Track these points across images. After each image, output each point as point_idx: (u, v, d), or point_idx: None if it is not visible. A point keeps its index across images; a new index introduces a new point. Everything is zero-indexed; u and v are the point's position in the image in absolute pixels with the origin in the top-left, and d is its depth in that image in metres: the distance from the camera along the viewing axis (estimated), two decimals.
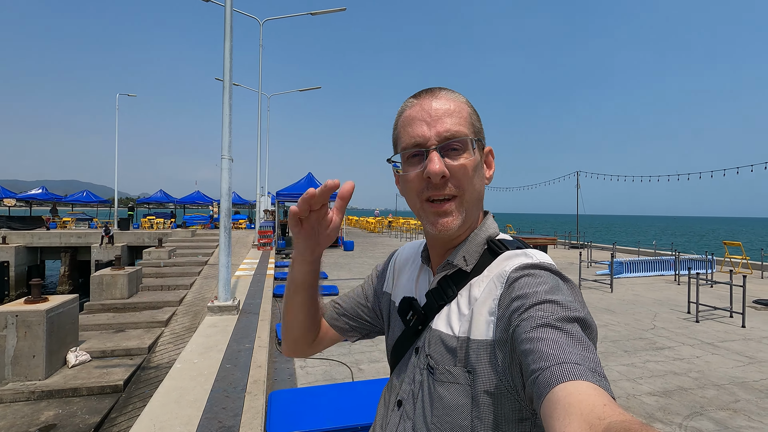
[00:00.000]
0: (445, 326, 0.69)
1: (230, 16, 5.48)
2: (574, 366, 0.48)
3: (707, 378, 4.20)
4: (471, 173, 0.69)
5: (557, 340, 0.51)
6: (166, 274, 12.22)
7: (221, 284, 5.43)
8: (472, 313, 0.66)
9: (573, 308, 0.56)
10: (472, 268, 0.71)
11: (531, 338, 0.53)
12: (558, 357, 0.49)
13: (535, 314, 0.55)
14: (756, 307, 7.47)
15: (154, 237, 18.96)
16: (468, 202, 0.70)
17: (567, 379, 0.47)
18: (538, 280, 0.61)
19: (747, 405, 3.62)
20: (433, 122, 0.69)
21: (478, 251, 0.73)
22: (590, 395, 0.44)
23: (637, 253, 15.62)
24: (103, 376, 6.13)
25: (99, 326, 8.18)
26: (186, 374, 3.40)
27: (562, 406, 0.44)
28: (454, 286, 0.72)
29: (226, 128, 5.41)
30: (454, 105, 0.71)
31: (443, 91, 0.73)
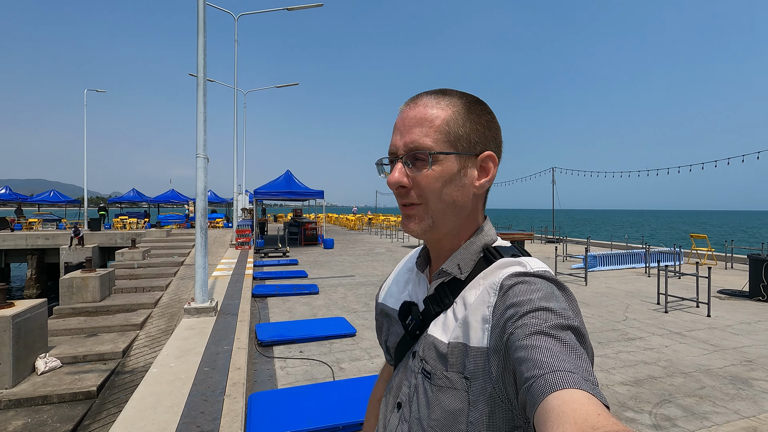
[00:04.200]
0: (439, 333, 0.70)
1: (203, 10, 5.36)
2: (567, 374, 0.48)
3: (675, 366, 4.38)
4: (434, 184, 0.69)
5: (551, 348, 0.51)
6: (140, 276, 11.91)
7: (198, 285, 5.33)
8: (467, 320, 0.66)
9: (567, 316, 0.57)
10: (467, 276, 0.72)
11: (525, 346, 0.53)
12: (552, 365, 0.49)
13: (530, 322, 0.55)
14: (720, 297, 7.81)
15: (127, 237, 18.44)
16: (434, 210, 0.70)
17: (561, 387, 0.46)
18: (533, 287, 0.61)
19: (712, 391, 3.79)
20: (404, 132, 0.70)
21: (473, 259, 0.73)
22: (584, 404, 0.44)
23: (610, 246, 16.10)
24: (75, 383, 5.95)
25: (70, 331, 7.93)
26: (162, 379, 3.33)
27: (556, 415, 0.44)
28: (450, 294, 0.72)
29: (200, 126, 5.30)
30: (429, 113, 0.70)
31: (425, 98, 0.72)
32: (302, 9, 14.93)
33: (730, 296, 7.91)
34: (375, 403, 1.01)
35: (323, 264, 12.18)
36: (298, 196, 18.02)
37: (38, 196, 29.78)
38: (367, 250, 15.82)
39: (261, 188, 17.18)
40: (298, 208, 23.24)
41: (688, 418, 3.32)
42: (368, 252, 15.31)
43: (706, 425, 3.21)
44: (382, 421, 0.81)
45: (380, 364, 4.54)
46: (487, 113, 0.73)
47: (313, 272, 10.66)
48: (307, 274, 10.31)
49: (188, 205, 29.70)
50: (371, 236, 23.04)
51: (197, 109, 5.30)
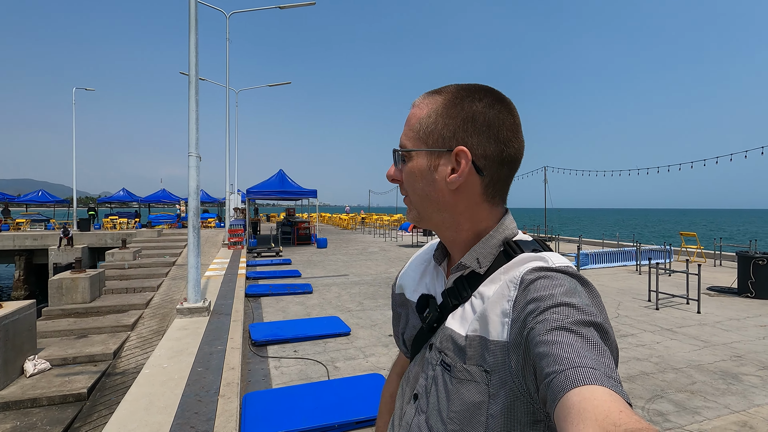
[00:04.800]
0: (457, 326, 0.70)
1: (195, 8, 5.30)
2: (589, 370, 0.47)
3: (666, 362, 4.43)
4: (409, 179, 0.75)
5: (572, 343, 0.51)
6: (131, 276, 11.78)
7: (190, 285, 5.28)
8: (485, 313, 0.66)
9: (590, 312, 0.56)
10: (486, 269, 0.72)
11: (546, 341, 0.52)
12: (573, 360, 0.49)
13: (551, 317, 0.55)
14: (710, 293, 7.92)
15: (117, 238, 18.22)
16: (415, 203, 0.76)
17: (582, 383, 0.46)
18: (555, 282, 0.60)
19: (703, 386, 3.84)
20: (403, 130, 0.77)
21: (493, 253, 0.73)
22: (606, 401, 0.43)
23: (601, 245, 16.25)
24: (65, 385, 5.88)
25: (59, 332, 7.83)
26: (155, 379, 3.29)
27: (577, 411, 0.43)
28: (468, 288, 0.72)
29: (192, 125, 5.24)
30: (415, 112, 0.75)
31: (420, 99, 0.76)
32: (294, 7, 14.85)
33: (720, 293, 8.03)
34: (387, 398, 1.01)
35: (317, 263, 12.15)
36: (291, 196, 17.95)
37: (26, 196, 29.31)
38: (360, 250, 15.81)
39: (253, 187, 17.08)
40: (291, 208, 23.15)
41: (680, 413, 3.36)
42: (362, 251, 15.29)
43: (697, 420, 3.25)
44: (398, 411, 0.82)
45: (375, 362, 4.53)
46: (473, 106, 0.70)
47: (306, 271, 10.62)
48: (301, 273, 10.27)
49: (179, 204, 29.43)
50: (364, 235, 23.03)
51: (189, 108, 5.24)
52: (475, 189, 0.72)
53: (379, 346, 5.06)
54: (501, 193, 0.75)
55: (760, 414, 3.32)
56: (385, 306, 7.05)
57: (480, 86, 0.74)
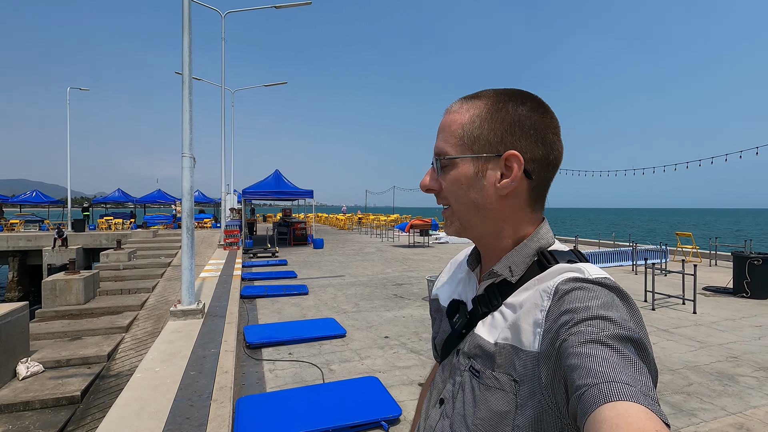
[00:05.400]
0: (486, 333, 0.70)
1: (188, 7, 5.25)
2: (624, 386, 0.45)
3: (663, 363, 4.42)
4: (453, 187, 0.72)
5: (608, 358, 0.49)
6: (126, 278, 11.71)
7: (184, 287, 5.24)
8: (517, 322, 0.65)
9: (628, 327, 0.53)
10: (518, 279, 0.71)
11: (579, 353, 0.51)
12: (607, 375, 0.47)
13: (585, 329, 0.53)
14: (705, 294, 7.93)
15: (112, 238, 18.10)
16: (459, 212, 0.73)
17: (616, 398, 0.44)
18: (591, 294, 0.58)
19: (699, 388, 3.83)
20: (436, 138, 0.76)
21: (526, 262, 0.72)
22: (641, 419, 0.41)
23: (597, 245, 16.28)
24: (58, 388, 5.82)
25: (53, 335, 7.77)
26: (147, 384, 3.24)
27: (609, 426, 0.41)
28: (499, 297, 0.72)
29: (186, 125, 5.20)
30: (452, 118, 0.73)
31: (454, 104, 0.75)
32: (290, 7, 14.79)
33: (715, 293, 8.04)
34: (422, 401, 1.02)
35: (313, 264, 12.10)
36: (288, 196, 17.90)
37: (20, 196, 29.12)
38: (357, 250, 15.77)
39: (250, 188, 17.01)
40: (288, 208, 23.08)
41: (676, 415, 3.35)
42: (358, 252, 15.26)
43: (694, 422, 3.24)
44: (423, 414, 0.83)
45: (370, 365, 4.50)
46: (518, 110, 0.70)
47: (302, 272, 10.58)
48: (297, 274, 10.23)
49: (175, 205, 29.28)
50: (361, 236, 22.98)
51: (182, 108, 5.20)
52: (522, 194, 0.72)
53: (375, 348, 5.03)
54: (542, 198, 0.75)
55: (756, 416, 3.31)
56: (382, 307, 7.02)
57: (519, 90, 0.74)
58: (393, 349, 4.97)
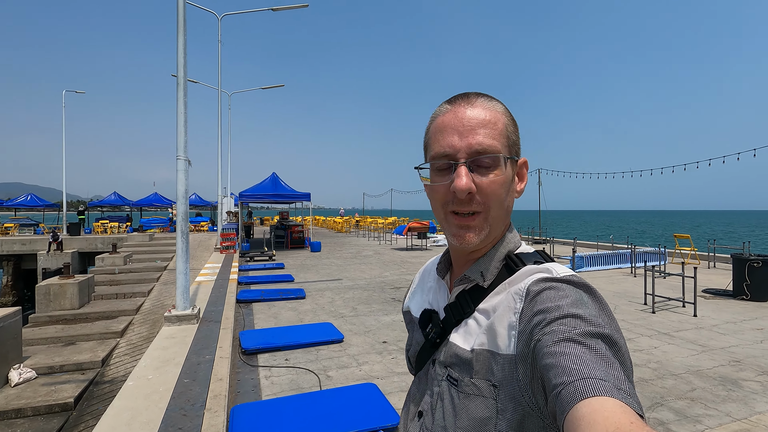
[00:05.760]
0: (461, 341, 0.69)
1: (183, 8, 5.19)
2: (598, 381, 0.46)
3: (665, 368, 4.36)
4: (499, 190, 0.68)
5: (580, 355, 0.50)
6: (121, 282, 11.59)
7: (179, 292, 5.15)
8: (492, 327, 0.65)
9: (597, 323, 0.54)
10: (490, 283, 0.71)
11: (553, 353, 0.52)
12: (581, 372, 0.48)
13: (558, 328, 0.54)
14: (705, 296, 7.89)
15: (108, 242, 17.98)
16: (493, 218, 0.69)
17: (591, 394, 0.45)
18: (561, 293, 0.59)
19: (703, 393, 3.77)
20: (465, 133, 0.67)
21: (497, 266, 0.72)
22: (616, 412, 0.42)
23: (596, 247, 16.24)
24: (51, 394, 5.72)
25: (46, 340, 7.65)
26: (139, 392, 3.16)
27: (587, 423, 0.42)
28: (471, 302, 0.71)
29: (181, 127, 5.12)
30: (490, 115, 0.69)
31: (480, 99, 0.71)
32: (287, 10, 14.76)
33: (715, 295, 8.00)
34: None
35: (310, 267, 12.02)
36: (285, 199, 17.81)
37: (15, 200, 28.91)
38: (354, 253, 15.68)
39: (247, 191, 16.92)
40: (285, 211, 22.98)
41: (681, 421, 3.28)
42: (356, 255, 15.18)
43: (699, 429, 3.17)
44: (402, 429, 0.80)
45: (368, 371, 4.43)
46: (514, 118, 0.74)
47: (299, 276, 10.49)
48: (294, 278, 10.14)
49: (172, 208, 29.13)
50: (359, 239, 22.89)
51: (177, 110, 5.12)
52: None
53: (373, 353, 4.95)
54: None
55: (762, 422, 3.25)
56: (380, 311, 6.94)
57: None
58: (391, 354, 4.89)
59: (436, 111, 0.74)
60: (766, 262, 7.43)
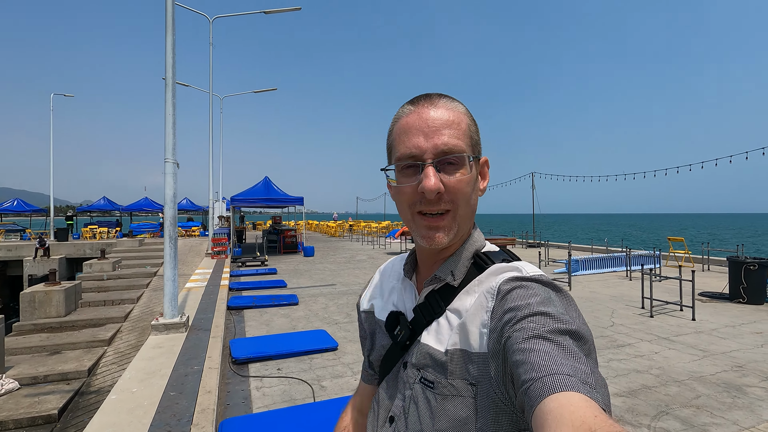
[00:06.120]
0: (434, 341, 0.69)
1: (171, 6, 5.05)
2: (565, 377, 0.48)
3: (668, 374, 4.26)
4: (466, 189, 0.68)
5: (548, 351, 0.51)
6: (109, 288, 11.33)
7: (167, 299, 4.97)
8: (465, 326, 0.65)
9: (565, 320, 0.56)
10: (460, 282, 0.71)
11: (522, 349, 0.53)
12: (549, 368, 0.49)
13: (527, 326, 0.55)
14: (702, 299, 7.84)
15: (96, 248, 17.62)
16: (461, 217, 0.69)
17: (558, 390, 0.46)
18: (530, 292, 0.61)
19: (708, 401, 3.67)
20: (430, 134, 0.67)
21: (466, 265, 0.73)
22: (581, 407, 0.43)
23: (590, 250, 16.23)
24: (34, 406, 5.52)
25: (30, 349, 7.42)
26: (122, 407, 2.99)
27: (553, 417, 0.43)
28: (441, 302, 0.71)
29: (169, 129, 4.97)
30: (454, 116, 0.69)
31: (442, 99, 0.71)
32: (280, 13, 14.64)
33: (711, 299, 7.95)
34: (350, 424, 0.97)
35: (303, 273, 11.84)
36: (277, 203, 17.60)
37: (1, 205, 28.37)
38: (348, 258, 15.52)
39: (239, 195, 16.71)
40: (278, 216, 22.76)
41: (688, 431, 3.18)
42: (349, 259, 15.01)
43: None
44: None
45: None
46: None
47: (292, 281, 10.31)
48: (287, 283, 9.96)
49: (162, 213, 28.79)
50: (352, 243, 22.73)
51: (166, 111, 4.97)
52: None
53: None
54: None
55: None
56: None
57: None
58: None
59: (399, 113, 0.73)
60: (763, 264, 7.40)
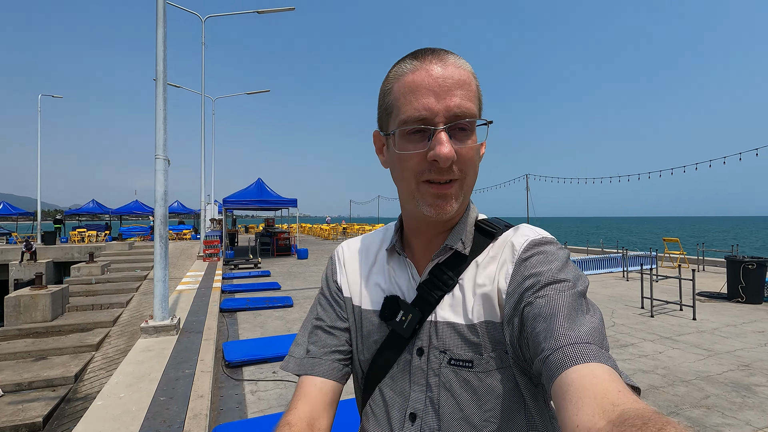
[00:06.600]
0: (454, 316, 0.65)
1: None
2: (586, 346, 0.48)
3: (674, 374, 4.16)
4: (476, 158, 0.64)
5: (567, 317, 0.52)
6: (98, 292, 11.07)
7: (157, 301, 4.79)
8: (487, 296, 0.63)
9: (579, 284, 0.57)
10: (469, 250, 0.69)
11: (542, 316, 0.53)
12: (569, 336, 0.49)
13: (548, 293, 0.55)
14: (700, 299, 7.78)
15: (85, 251, 17.28)
16: (467, 186, 0.65)
17: (580, 361, 0.46)
18: (550, 258, 0.61)
19: (717, 401, 3.56)
20: (442, 94, 0.60)
21: (471, 233, 0.70)
22: (604, 379, 0.43)
23: (586, 251, 16.23)
24: (18, 413, 5.31)
25: (15, 355, 7.18)
26: (108, 413, 2.81)
27: (575, 388, 0.43)
28: (450, 272, 0.67)
29: (160, 124, 4.80)
30: (464, 75, 0.62)
31: (450, 56, 0.63)
32: (273, 13, 14.51)
33: (710, 298, 7.91)
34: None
35: (297, 275, 11.66)
36: (270, 205, 17.39)
37: None
38: None
39: (231, 196, 16.48)
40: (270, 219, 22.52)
41: (701, 431, 3.07)
42: None
43: None
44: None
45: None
46: None
47: (286, 284, 10.12)
48: (281, 285, 9.77)
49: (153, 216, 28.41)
50: None
51: (156, 107, 4.81)
52: None
53: None
54: None
55: None
56: None
57: None
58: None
59: (399, 68, 0.64)
60: (761, 264, 7.37)
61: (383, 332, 0.71)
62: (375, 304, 0.73)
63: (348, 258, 0.81)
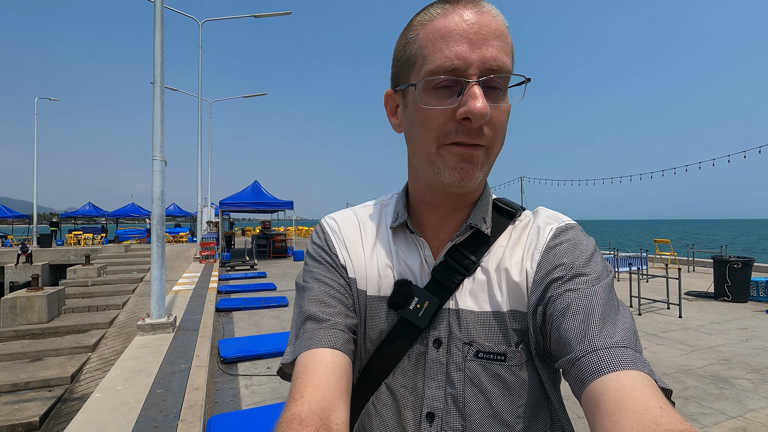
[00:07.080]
0: (479, 304, 0.59)
1: (161, 3, 5.02)
2: (622, 350, 0.44)
3: (656, 368, 4.30)
4: (506, 123, 0.56)
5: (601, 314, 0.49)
6: (94, 294, 11.10)
7: (153, 299, 4.89)
8: (515, 284, 0.58)
9: (609, 276, 0.55)
10: (491, 230, 0.62)
11: (573, 311, 0.50)
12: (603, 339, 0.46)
13: (576, 286, 0.52)
14: (688, 298, 7.95)
15: (81, 254, 17.28)
16: (493, 155, 0.57)
17: (617, 368, 0.43)
18: (579, 246, 0.57)
19: (696, 392, 3.70)
20: (477, 42, 0.51)
21: (491, 211, 0.64)
22: (645, 393, 0.40)
23: None
24: (14, 413, 5.37)
25: (11, 356, 7.22)
26: (106, 404, 2.91)
27: (612, 400, 0.40)
28: (471, 255, 0.60)
29: (157, 126, 4.92)
30: (501, 26, 0.53)
31: (486, 4, 0.54)
32: (270, 17, 14.65)
33: (697, 297, 8.08)
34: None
35: (293, 276, 11.74)
36: (267, 207, 17.49)
37: None
38: None
39: (227, 198, 16.56)
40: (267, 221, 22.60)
41: None
42: None
43: (695, 427, 3.09)
44: None
45: None
46: None
47: (282, 284, 10.22)
48: (276, 286, 9.87)
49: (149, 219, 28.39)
50: None
51: (154, 108, 4.92)
52: None
53: None
54: None
55: (757, 419, 3.19)
56: None
57: None
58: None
59: (428, 13, 0.55)
60: (746, 263, 7.54)
61: (391, 321, 0.61)
62: (382, 290, 0.63)
63: (347, 232, 0.68)
